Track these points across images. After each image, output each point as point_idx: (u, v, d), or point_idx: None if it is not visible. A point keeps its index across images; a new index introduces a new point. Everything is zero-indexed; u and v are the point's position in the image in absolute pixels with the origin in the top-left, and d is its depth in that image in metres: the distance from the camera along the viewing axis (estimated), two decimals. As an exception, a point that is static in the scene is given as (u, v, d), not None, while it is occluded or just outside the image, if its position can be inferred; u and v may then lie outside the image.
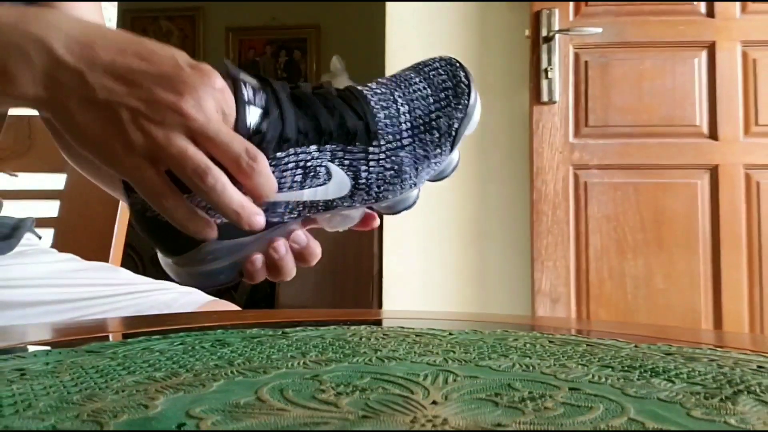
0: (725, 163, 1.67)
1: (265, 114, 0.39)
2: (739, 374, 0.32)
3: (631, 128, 1.70)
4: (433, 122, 0.42)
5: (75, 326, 0.53)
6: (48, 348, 0.39)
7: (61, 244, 0.88)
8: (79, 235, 0.90)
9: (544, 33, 1.70)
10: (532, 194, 1.71)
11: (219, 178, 0.37)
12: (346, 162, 0.41)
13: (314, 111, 0.40)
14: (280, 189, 0.40)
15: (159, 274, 0.56)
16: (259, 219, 0.39)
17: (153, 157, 0.37)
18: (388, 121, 0.41)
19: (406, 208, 0.44)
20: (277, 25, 3.70)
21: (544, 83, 1.69)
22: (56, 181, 0.94)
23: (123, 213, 0.91)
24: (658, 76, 1.70)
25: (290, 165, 0.40)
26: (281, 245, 0.43)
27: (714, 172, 1.67)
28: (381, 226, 1.81)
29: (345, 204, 0.42)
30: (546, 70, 1.69)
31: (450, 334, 0.43)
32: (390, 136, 0.41)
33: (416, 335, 0.43)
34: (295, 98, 0.40)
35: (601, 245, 1.68)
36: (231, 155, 0.37)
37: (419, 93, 0.43)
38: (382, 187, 0.42)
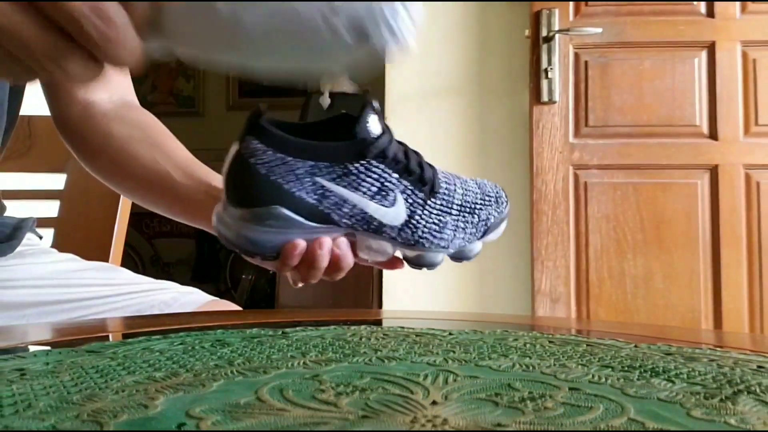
0: (725, 163, 1.67)
1: (384, 131, 0.48)
2: (739, 374, 0.32)
3: (631, 128, 1.70)
4: (476, 210, 0.52)
5: (75, 326, 0.53)
6: (48, 348, 0.39)
7: (61, 244, 0.88)
8: (79, 235, 0.90)
9: (544, 33, 1.70)
10: (532, 194, 1.71)
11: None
12: (410, 201, 0.49)
13: (408, 154, 0.49)
14: (357, 190, 0.47)
15: (159, 273, 0.57)
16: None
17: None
18: (446, 191, 0.51)
19: (428, 266, 0.51)
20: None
21: (544, 83, 1.69)
22: (56, 181, 0.94)
23: (123, 213, 0.91)
24: (658, 76, 1.70)
25: (374, 175, 0.47)
26: (326, 242, 0.47)
27: (714, 172, 1.67)
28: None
29: (391, 234, 0.49)
30: (546, 70, 1.69)
31: (450, 334, 0.43)
32: (445, 201, 0.51)
33: (416, 335, 0.43)
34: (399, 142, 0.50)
35: (600, 245, 1.68)
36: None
37: (472, 189, 0.53)
38: (425, 234, 0.50)
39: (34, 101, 0.74)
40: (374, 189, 0.47)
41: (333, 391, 0.28)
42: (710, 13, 1.69)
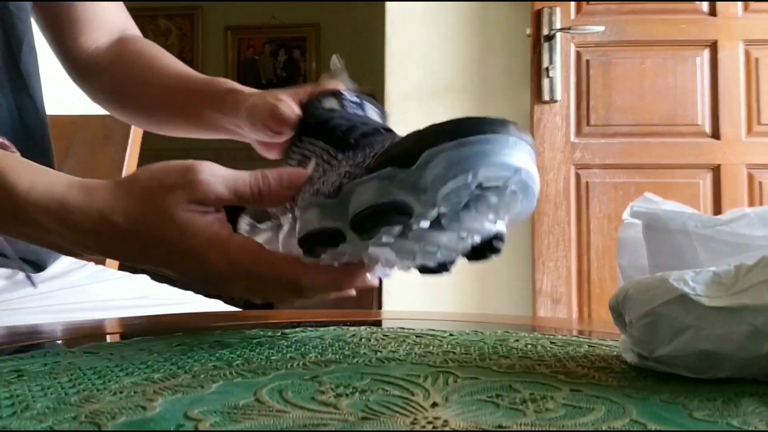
0: (727, 162, 1.66)
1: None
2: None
3: (633, 127, 1.69)
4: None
5: (72, 327, 0.53)
6: (46, 349, 0.39)
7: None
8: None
9: (545, 31, 1.69)
10: (533, 194, 1.70)
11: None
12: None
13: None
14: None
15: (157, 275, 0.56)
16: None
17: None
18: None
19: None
20: (277, 24, 3.70)
21: (545, 82, 1.69)
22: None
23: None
24: (660, 75, 1.69)
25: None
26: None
27: (716, 171, 1.67)
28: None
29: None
30: (547, 69, 1.69)
31: (450, 335, 0.43)
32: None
33: (416, 336, 0.43)
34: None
35: (602, 245, 1.68)
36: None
37: None
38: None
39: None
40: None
41: (333, 392, 0.27)
42: (712, 12, 1.69)
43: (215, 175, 0.39)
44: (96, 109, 0.74)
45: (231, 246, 0.38)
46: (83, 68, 0.69)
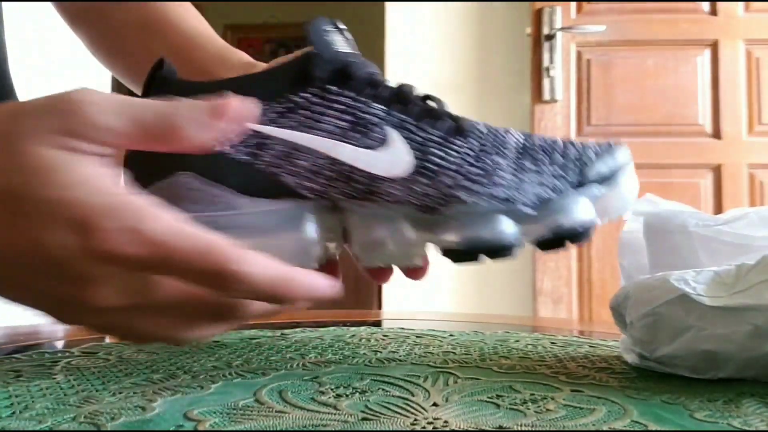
0: (728, 162, 1.66)
1: (345, 48, 0.32)
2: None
3: (634, 127, 1.69)
4: (556, 147, 0.32)
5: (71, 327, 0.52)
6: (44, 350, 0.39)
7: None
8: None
9: (545, 31, 1.69)
10: (533, 193, 1.70)
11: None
12: (417, 139, 0.30)
13: (401, 84, 0.32)
14: (311, 130, 0.30)
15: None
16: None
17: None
18: (485, 133, 0.32)
19: (490, 248, 0.30)
20: (276, 23, 3.70)
21: (546, 82, 1.69)
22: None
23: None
24: (661, 74, 1.69)
25: (338, 106, 0.30)
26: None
27: (717, 171, 1.66)
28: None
29: (396, 195, 0.29)
30: (548, 69, 1.69)
31: (450, 335, 0.43)
32: (487, 142, 0.31)
33: (416, 336, 0.42)
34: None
35: (603, 245, 1.68)
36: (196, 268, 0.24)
37: (547, 137, 0.33)
38: (457, 182, 0.29)
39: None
40: (344, 123, 0.30)
41: (333, 392, 0.27)
42: (713, 12, 1.69)
43: (106, 99, 0.25)
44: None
45: (135, 214, 0.23)
46: (75, 7, 0.57)
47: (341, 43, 0.32)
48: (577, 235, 0.31)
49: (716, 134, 1.67)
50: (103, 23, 0.58)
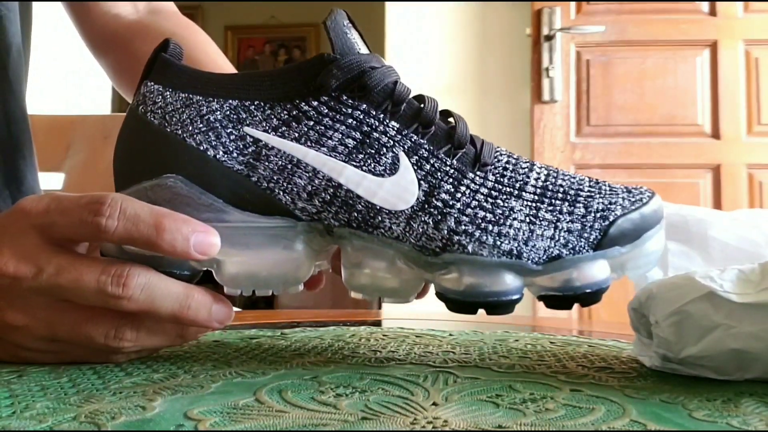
0: (727, 162, 1.66)
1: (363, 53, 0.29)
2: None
3: (633, 127, 1.69)
4: (578, 197, 0.29)
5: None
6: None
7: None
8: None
9: (545, 31, 1.69)
10: (533, 194, 1.70)
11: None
12: (427, 167, 0.28)
13: (422, 99, 0.30)
14: (315, 145, 0.28)
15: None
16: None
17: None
18: (506, 165, 0.29)
19: (488, 304, 0.28)
20: (277, 23, 3.70)
21: (546, 82, 1.69)
22: (54, 180, 0.94)
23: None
24: (660, 74, 1.69)
25: (349, 120, 0.28)
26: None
27: (716, 171, 1.67)
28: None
29: (395, 231, 0.28)
30: (547, 69, 1.69)
31: (450, 334, 0.43)
32: (504, 179, 0.29)
33: (416, 336, 0.43)
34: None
35: (602, 245, 1.68)
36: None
37: (564, 174, 0.30)
38: (461, 226, 0.27)
39: (31, 100, 0.74)
40: (349, 142, 0.28)
41: (332, 392, 0.27)
42: (713, 12, 1.69)
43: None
44: (95, 109, 0.73)
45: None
46: (99, 38, 0.61)
47: (361, 43, 0.30)
48: (588, 296, 0.29)
49: (715, 134, 1.67)
50: (127, 54, 0.61)
